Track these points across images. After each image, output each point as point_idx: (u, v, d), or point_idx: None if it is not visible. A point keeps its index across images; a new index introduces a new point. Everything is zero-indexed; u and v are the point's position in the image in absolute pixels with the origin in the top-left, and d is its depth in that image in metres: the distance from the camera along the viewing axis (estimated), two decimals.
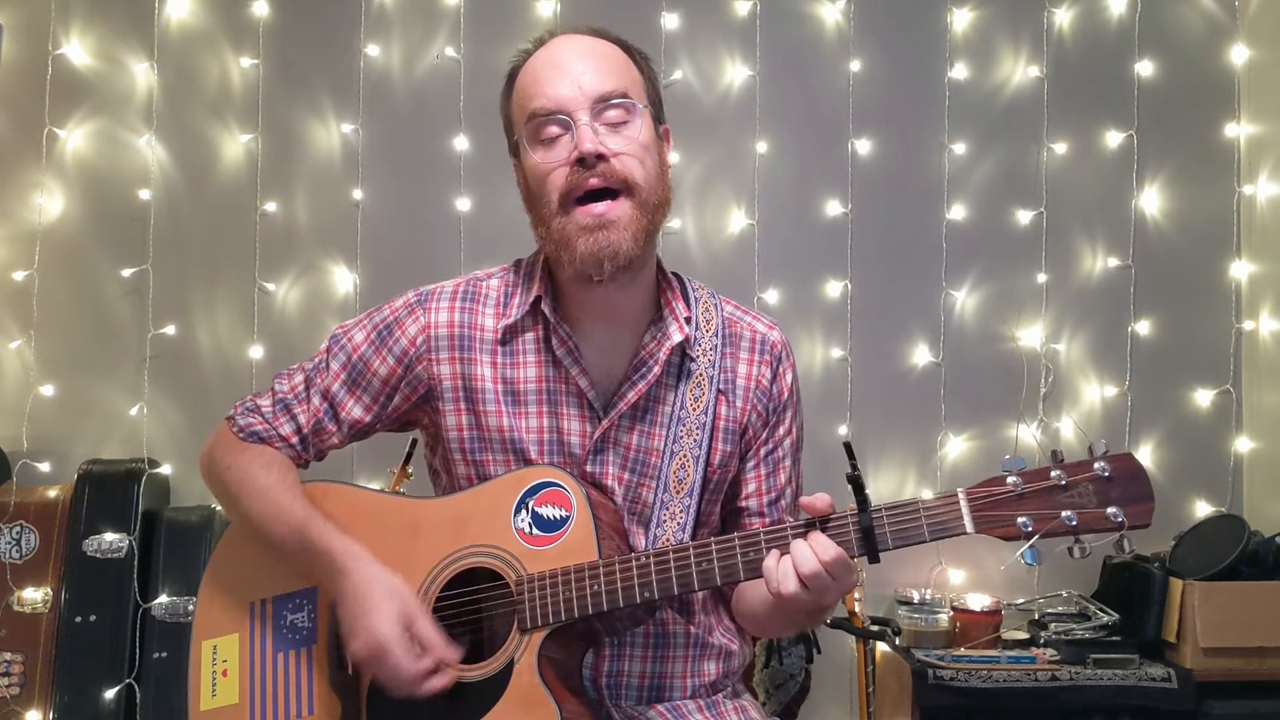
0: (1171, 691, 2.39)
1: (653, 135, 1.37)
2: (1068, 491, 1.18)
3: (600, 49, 1.37)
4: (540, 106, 1.32)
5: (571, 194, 1.31)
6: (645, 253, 1.35)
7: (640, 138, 1.34)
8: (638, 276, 1.38)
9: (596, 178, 1.30)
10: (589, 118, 1.31)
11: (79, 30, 2.85)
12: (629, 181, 1.31)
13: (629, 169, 1.31)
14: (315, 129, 2.89)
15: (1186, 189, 2.92)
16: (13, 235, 2.83)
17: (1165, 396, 2.90)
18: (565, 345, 1.39)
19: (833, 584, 1.20)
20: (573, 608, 1.27)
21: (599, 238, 1.29)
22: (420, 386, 1.43)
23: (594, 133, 1.30)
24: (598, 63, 1.34)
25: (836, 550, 1.19)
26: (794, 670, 2.48)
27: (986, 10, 2.94)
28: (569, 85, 1.31)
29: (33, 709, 2.52)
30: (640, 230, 1.32)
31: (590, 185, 1.30)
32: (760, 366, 1.46)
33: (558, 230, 1.32)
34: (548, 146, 1.33)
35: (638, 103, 1.35)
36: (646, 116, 1.36)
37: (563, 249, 1.32)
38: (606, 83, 1.32)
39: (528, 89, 1.35)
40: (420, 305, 1.43)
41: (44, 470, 2.77)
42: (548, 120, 1.32)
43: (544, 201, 1.34)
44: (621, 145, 1.32)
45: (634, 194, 1.32)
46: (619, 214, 1.30)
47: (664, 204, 1.36)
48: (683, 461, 1.41)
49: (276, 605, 1.44)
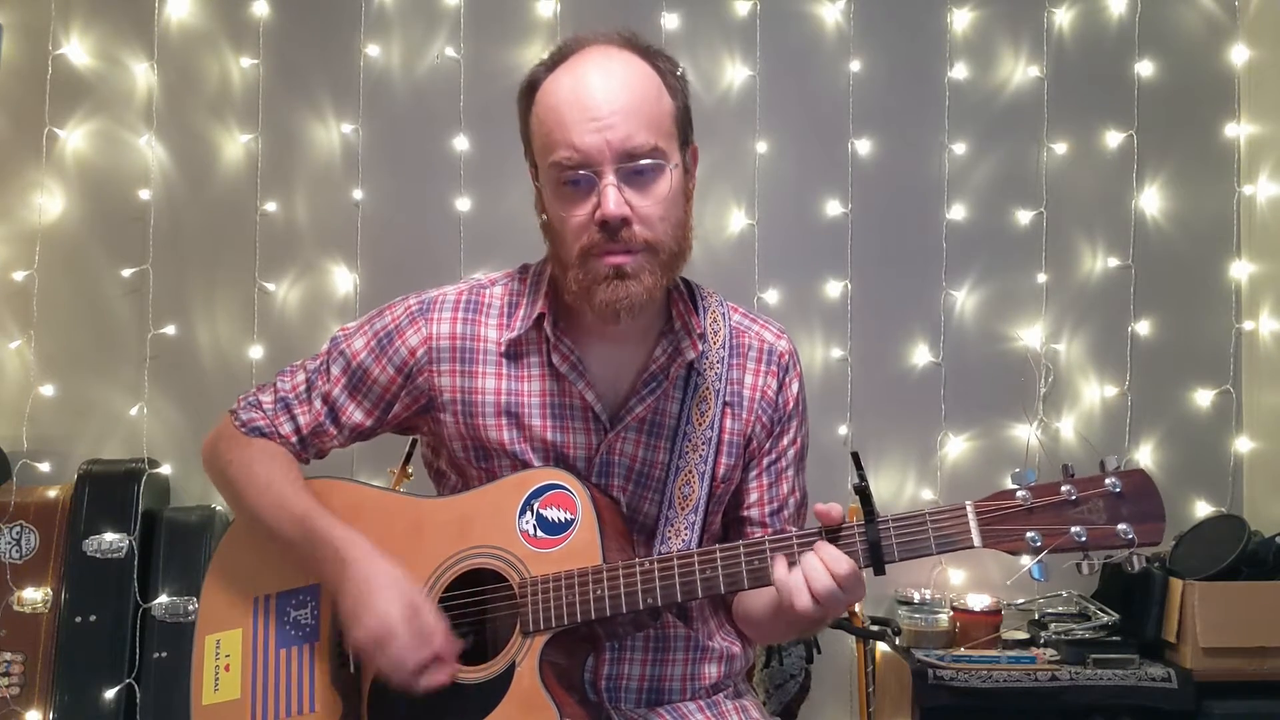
0: (1171, 691, 2.39)
1: (680, 182, 1.32)
2: (1078, 507, 1.17)
3: (632, 83, 1.29)
4: (565, 158, 1.26)
5: (592, 251, 1.28)
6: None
7: (667, 194, 1.29)
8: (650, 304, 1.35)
9: (617, 243, 1.27)
10: (614, 177, 1.26)
11: (79, 30, 2.85)
12: (649, 244, 1.29)
13: (649, 234, 1.28)
14: (315, 129, 2.89)
15: (1186, 189, 2.92)
16: (13, 235, 2.83)
17: (1165, 396, 2.90)
18: (568, 361, 1.38)
19: (843, 597, 1.19)
20: (575, 612, 1.27)
21: (616, 288, 1.28)
22: (421, 397, 1.42)
23: (619, 193, 1.26)
24: (628, 105, 1.27)
25: (849, 564, 1.19)
26: (794, 670, 2.48)
27: (986, 10, 2.94)
28: (596, 136, 1.25)
29: (33, 709, 2.52)
30: (656, 284, 1.30)
31: (611, 250, 1.28)
32: (767, 377, 1.45)
33: (576, 280, 1.30)
34: (571, 199, 1.29)
35: (667, 162, 1.29)
36: (675, 170, 1.31)
37: (583, 298, 1.31)
38: (636, 136, 1.26)
39: (551, 127, 1.29)
40: (422, 315, 1.42)
41: (44, 470, 2.77)
42: (572, 173, 1.27)
43: (564, 247, 1.31)
44: (647, 204, 1.28)
45: (654, 253, 1.30)
46: (636, 267, 1.28)
47: (684, 253, 1.35)
48: (688, 478, 1.40)
49: (280, 601, 1.44)
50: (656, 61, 1.34)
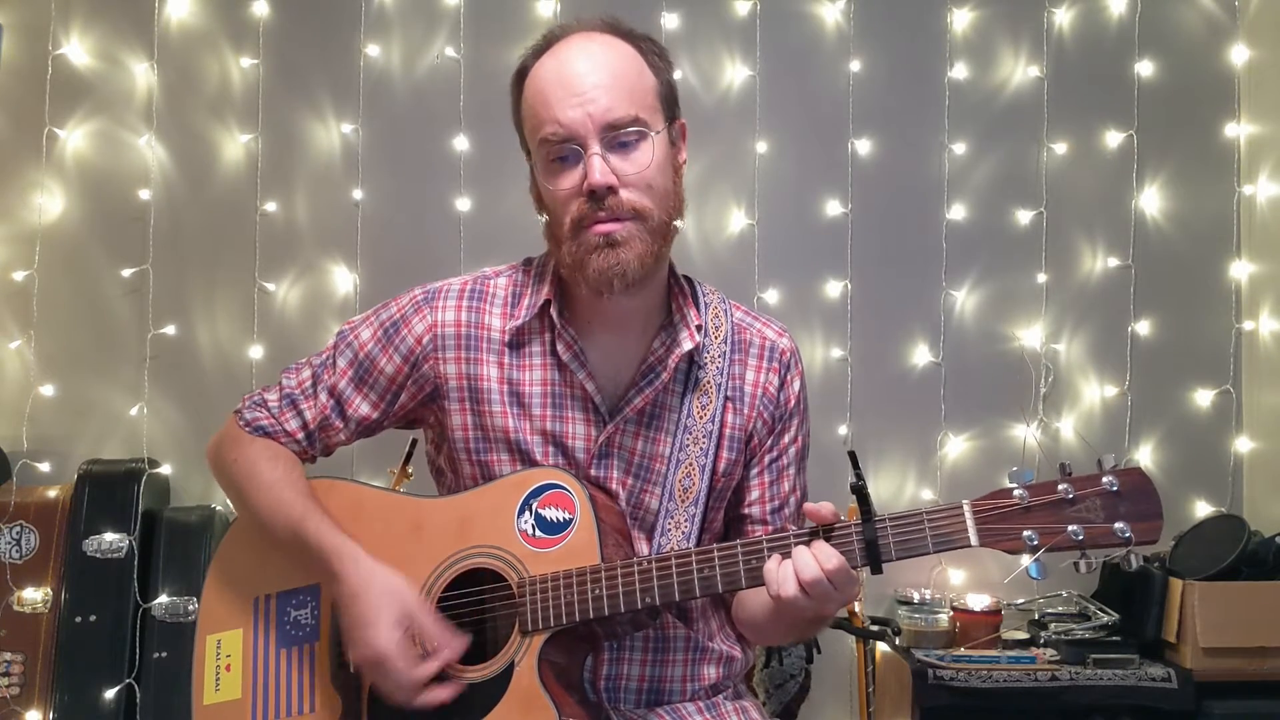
0: (1171, 691, 2.39)
1: (665, 152, 1.36)
2: (1075, 506, 1.17)
3: (612, 60, 1.33)
4: (551, 133, 1.31)
5: (583, 223, 1.31)
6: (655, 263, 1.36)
7: (652, 161, 1.32)
8: (648, 283, 1.37)
9: (605, 212, 1.30)
10: (599, 147, 1.30)
11: (79, 30, 2.85)
12: (637, 210, 1.31)
13: (637, 199, 1.31)
14: (315, 129, 2.89)
15: (1186, 189, 2.92)
16: (13, 235, 2.83)
17: (1165, 396, 2.90)
18: (571, 349, 1.39)
19: (834, 593, 1.19)
20: (574, 611, 1.27)
21: (607, 255, 1.30)
22: (427, 385, 1.43)
23: (604, 162, 1.29)
24: (609, 80, 1.31)
25: (839, 559, 1.19)
26: (794, 670, 2.48)
27: (986, 10, 2.94)
28: (578, 110, 1.29)
29: (33, 709, 2.52)
30: (648, 252, 1.32)
31: (599, 219, 1.30)
32: (768, 374, 1.46)
33: (570, 254, 1.33)
34: (559, 173, 1.33)
35: (649, 129, 1.32)
36: (659, 138, 1.34)
37: (576, 270, 1.33)
38: (617, 108, 1.30)
39: (537, 108, 1.34)
40: (427, 303, 1.43)
41: (44, 470, 2.77)
42: (558, 148, 1.32)
43: (557, 223, 1.35)
44: (632, 170, 1.31)
45: (643, 220, 1.32)
46: (627, 234, 1.30)
47: (674, 219, 1.37)
48: (689, 470, 1.40)
49: (280, 601, 1.44)
50: (638, 42, 1.38)
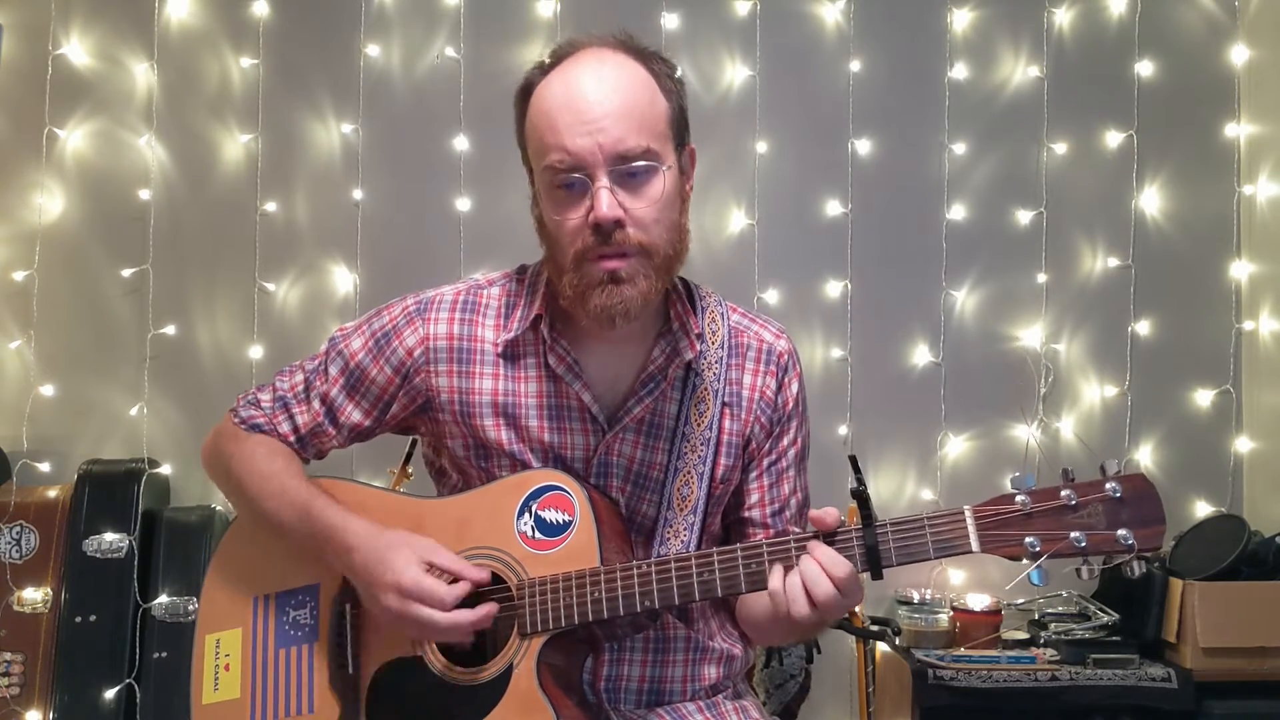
0: (1171, 691, 2.39)
1: (675, 185, 1.31)
2: (1077, 512, 1.15)
3: (624, 85, 1.28)
4: (558, 161, 1.26)
5: (587, 255, 1.28)
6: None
7: (661, 196, 1.28)
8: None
9: (610, 247, 1.26)
10: (607, 180, 1.25)
11: (79, 30, 2.85)
12: (643, 246, 1.28)
13: (644, 236, 1.27)
14: (315, 129, 2.89)
15: (1186, 189, 2.92)
16: (13, 235, 2.83)
17: (1165, 396, 2.90)
18: (564, 362, 1.37)
19: (842, 601, 1.18)
20: (573, 614, 1.27)
21: (611, 293, 1.27)
22: (419, 397, 1.42)
23: (612, 195, 1.25)
24: (620, 107, 1.25)
25: (847, 566, 1.18)
26: (794, 670, 2.48)
27: (986, 10, 2.94)
28: (588, 139, 1.24)
29: (33, 709, 2.52)
30: (651, 289, 1.29)
31: (604, 254, 1.27)
32: (765, 377, 1.44)
33: (571, 285, 1.30)
34: (564, 202, 1.28)
35: (660, 163, 1.28)
36: (669, 173, 1.30)
37: (577, 303, 1.30)
38: (628, 139, 1.25)
39: (543, 132, 1.28)
40: (419, 315, 1.41)
41: (44, 470, 2.77)
42: (564, 176, 1.27)
43: (560, 252, 1.31)
44: (640, 205, 1.27)
45: (648, 256, 1.29)
46: (631, 270, 1.27)
47: (679, 255, 1.34)
48: (687, 479, 1.39)
49: (280, 601, 1.44)
50: (651, 64, 1.33)
